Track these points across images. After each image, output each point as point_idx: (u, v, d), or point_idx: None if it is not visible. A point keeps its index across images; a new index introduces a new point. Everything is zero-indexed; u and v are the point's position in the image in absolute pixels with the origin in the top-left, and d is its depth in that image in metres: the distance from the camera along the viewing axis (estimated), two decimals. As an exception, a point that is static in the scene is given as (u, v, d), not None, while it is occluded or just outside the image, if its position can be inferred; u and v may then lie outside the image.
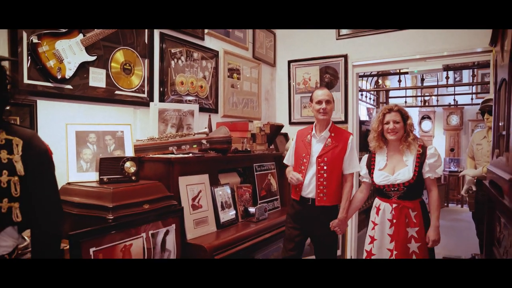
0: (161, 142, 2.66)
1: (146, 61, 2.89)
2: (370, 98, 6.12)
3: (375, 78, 6.05)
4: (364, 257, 2.51)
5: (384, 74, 5.42)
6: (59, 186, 1.77)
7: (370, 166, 2.52)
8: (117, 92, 2.65)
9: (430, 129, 9.65)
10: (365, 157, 2.60)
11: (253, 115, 4.23)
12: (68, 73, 2.31)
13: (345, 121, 4.21)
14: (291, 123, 4.56)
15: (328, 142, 2.58)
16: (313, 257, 2.78)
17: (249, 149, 3.26)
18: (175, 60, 3.17)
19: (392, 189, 2.35)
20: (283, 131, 4.08)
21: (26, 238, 1.54)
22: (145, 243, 2.06)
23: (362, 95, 5.88)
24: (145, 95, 2.88)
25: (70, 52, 2.32)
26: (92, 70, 2.47)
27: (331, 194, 2.55)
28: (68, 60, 2.30)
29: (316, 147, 2.59)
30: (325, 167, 2.54)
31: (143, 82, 2.86)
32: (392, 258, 2.32)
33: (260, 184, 3.26)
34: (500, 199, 1.44)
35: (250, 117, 4.10)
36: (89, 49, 2.43)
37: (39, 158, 1.39)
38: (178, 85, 3.20)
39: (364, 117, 6.82)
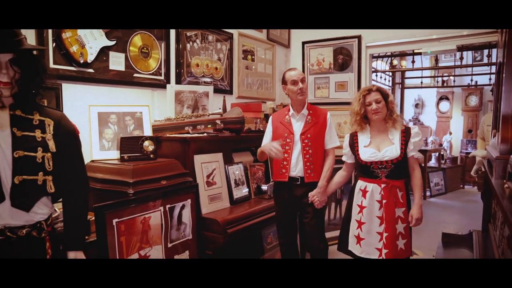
0: (178, 122, 2.80)
1: (162, 44, 3.01)
2: (385, 79, 6.10)
3: (391, 59, 6.02)
4: (354, 244, 2.38)
5: (398, 55, 5.40)
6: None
7: (354, 145, 2.43)
8: (135, 74, 2.79)
9: (448, 110, 9.53)
10: (347, 137, 2.52)
11: (267, 96, 4.32)
12: (90, 58, 2.46)
13: (358, 102, 4.25)
14: (304, 104, 4.63)
15: (308, 119, 2.58)
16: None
17: (262, 129, 3.37)
18: (191, 43, 3.28)
19: (380, 166, 2.27)
20: (296, 111, 4.17)
21: (57, 210, 1.72)
22: (163, 216, 2.23)
23: (377, 75, 5.87)
24: (162, 77, 3.01)
25: (91, 37, 2.45)
26: (112, 54, 2.61)
27: (318, 170, 2.57)
28: (90, 45, 2.45)
29: (297, 126, 2.59)
30: (309, 144, 2.55)
31: (160, 64, 2.99)
32: (382, 241, 2.26)
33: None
34: (490, 177, 1.52)
35: (264, 98, 4.20)
36: (108, 34, 2.56)
37: (68, 136, 1.54)
38: (193, 67, 3.31)
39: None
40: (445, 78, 9.38)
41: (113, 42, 2.59)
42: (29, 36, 2.18)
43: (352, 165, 2.51)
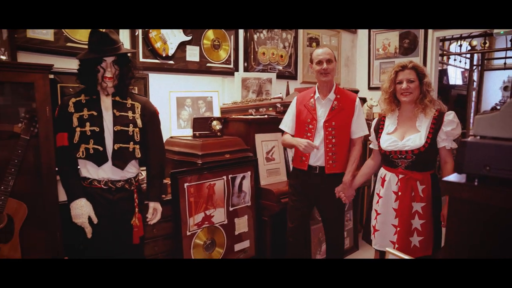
0: (243, 105, 3.22)
1: (232, 36, 3.43)
2: (465, 63, 5.86)
3: (468, 41, 5.75)
4: (371, 234, 2.27)
5: (467, 37, 5.19)
6: (165, 139, 2.46)
7: (378, 130, 2.25)
8: (208, 64, 3.26)
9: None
10: (374, 121, 2.34)
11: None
12: (170, 51, 2.97)
13: (423, 86, 4.29)
14: (370, 88, 4.77)
15: (334, 105, 2.38)
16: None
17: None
18: (258, 34, 3.66)
19: (400, 156, 2.07)
20: (361, 95, 4.35)
21: (142, 173, 2.25)
22: (225, 184, 2.69)
23: (455, 59, 5.69)
24: (231, 66, 3.45)
25: (172, 34, 2.96)
26: (188, 47, 3.10)
27: (341, 161, 2.40)
28: (170, 41, 2.95)
29: (322, 112, 2.40)
30: (333, 132, 2.36)
31: (229, 55, 3.42)
32: (395, 235, 2.11)
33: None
34: None
35: (328, 82, 4.44)
36: (185, 31, 3.04)
37: (151, 116, 2.03)
38: (260, 56, 3.70)
39: (459, 81, 6.56)
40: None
41: (189, 38, 3.07)
42: (125, 35, 2.74)
43: (379, 153, 2.28)
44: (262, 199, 2.90)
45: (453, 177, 0.97)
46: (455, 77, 6.55)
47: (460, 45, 5.41)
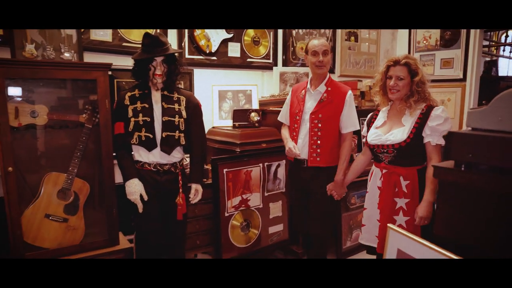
0: (280, 98, 3.41)
1: (271, 33, 3.62)
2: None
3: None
4: (360, 229, 2.28)
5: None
6: (207, 129, 2.73)
7: (370, 124, 2.21)
8: (248, 59, 3.48)
9: None
10: (369, 114, 2.29)
11: (371, 74, 4.60)
12: (213, 48, 3.22)
13: (463, 79, 4.25)
14: (409, 81, 4.77)
15: (323, 97, 2.33)
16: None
17: (356, 105, 3.76)
18: (296, 29, 3.82)
19: (382, 150, 2.03)
20: (399, 88, 4.40)
21: (186, 159, 2.52)
22: (261, 171, 2.91)
23: (503, 50, 5.53)
24: (270, 61, 3.65)
25: (215, 33, 3.21)
26: (230, 44, 3.33)
27: (326, 154, 2.33)
28: (213, 39, 3.20)
29: (310, 104, 2.36)
30: (319, 125, 2.31)
31: (268, 50, 3.62)
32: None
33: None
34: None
35: (367, 75, 4.52)
36: (227, 29, 3.28)
37: (194, 108, 2.29)
38: (298, 51, 3.86)
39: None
40: None
41: (231, 35, 3.31)
42: (172, 35, 3.03)
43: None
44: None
45: (444, 163, 1.12)
46: (507, 68, 6.32)
47: (506, 36, 5.24)
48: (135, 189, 2.08)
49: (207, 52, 3.20)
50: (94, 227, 2.45)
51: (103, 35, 2.72)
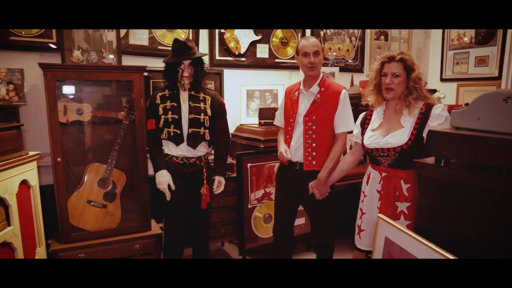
0: (305, 97, 3.54)
1: (299, 34, 3.76)
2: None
3: None
4: (356, 234, 2.16)
5: None
6: (236, 126, 2.92)
7: (364, 125, 2.10)
8: (276, 60, 3.64)
9: None
10: (362, 114, 2.18)
11: (401, 73, 4.62)
12: (242, 50, 3.41)
13: (499, 77, 4.17)
14: (442, 79, 4.73)
15: (316, 98, 2.25)
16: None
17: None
18: (324, 30, 3.93)
19: (382, 154, 1.94)
20: (431, 87, 4.38)
21: (212, 153, 2.72)
22: (284, 166, 3.07)
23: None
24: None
25: (243, 35, 3.40)
26: (258, 45, 3.51)
27: (322, 158, 2.25)
28: (242, 41, 3.39)
29: (304, 105, 2.29)
30: (313, 127, 2.23)
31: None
32: None
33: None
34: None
35: (396, 75, 4.53)
36: (256, 31, 3.46)
37: (219, 107, 2.48)
38: (326, 51, 3.97)
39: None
40: None
41: (259, 37, 3.48)
42: (204, 38, 3.25)
43: (361, 148, 2.12)
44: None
45: (425, 159, 1.24)
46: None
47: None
48: (163, 179, 2.31)
49: (236, 53, 3.39)
50: (129, 214, 2.73)
51: (141, 39, 2.99)
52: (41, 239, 2.34)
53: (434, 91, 4.52)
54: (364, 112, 2.16)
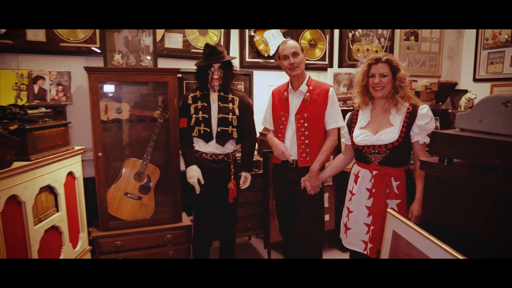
0: (332, 98, 3.62)
1: (327, 36, 3.85)
2: None
3: None
4: (342, 233, 2.20)
5: None
6: (263, 126, 3.05)
7: (351, 124, 2.16)
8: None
9: None
10: (348, 115, 2.25)
11: (431, 73, 4.60)
12: (271, 52, 3.54)
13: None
14: (475, 80, 4.65)
15: (306, 96, 2.35)
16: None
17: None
18: (353, 31, 3.99)
19: (373, 151, 2.00)
20: (464, 87, 4.34)
21: (239, 150, 2.87)
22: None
23: None
24: (326, 62, 3.87)
25: (272, 37, 3.53)
26: (287, 48, 3.63)
27: (315, 153, 2.35)
28: (271, 43, 3.53)
29: (295, 104, 2.38)
30: (306, 124, 2.33)
31: (324, 52, 3.85)
32: (368, 234, 2.01)
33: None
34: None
35: (427, 75, 4.52)
36: (285, 34, 3.58)
37: (246, 107, 2.63)
38: (354, 52, 4.03)
39: None
40: None
41: (288, 39, 3.59)
42: (235, 41, 3.41)
43: (352, 148, 2.18)
44: (343, 180, 3.30)
45: (429, 158, 1.33)
46: None
47: None
48: (193, 174, 2.49)
49: (266, 55, 3.53)
50: (162, 206, 2.94)
51: (175, 42, 3.19)
52: (83, 226, 2.58)
53: (465, 91, 4.48)
54: (350, 113, 2.24)
